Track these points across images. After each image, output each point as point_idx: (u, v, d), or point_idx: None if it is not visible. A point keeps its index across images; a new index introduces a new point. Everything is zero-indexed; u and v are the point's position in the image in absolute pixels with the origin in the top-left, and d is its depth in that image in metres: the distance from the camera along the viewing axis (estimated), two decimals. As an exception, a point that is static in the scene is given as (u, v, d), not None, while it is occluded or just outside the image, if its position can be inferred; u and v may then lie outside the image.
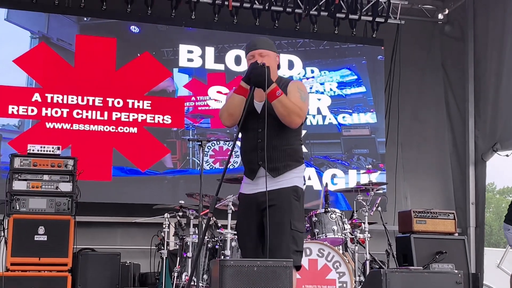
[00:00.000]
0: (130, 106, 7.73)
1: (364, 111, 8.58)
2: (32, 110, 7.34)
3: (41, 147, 6.24)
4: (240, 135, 4.04)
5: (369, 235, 6.20)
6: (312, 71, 8.50)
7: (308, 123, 8.32)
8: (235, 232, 4.54)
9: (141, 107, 7.77)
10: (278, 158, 3.92)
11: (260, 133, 3.89)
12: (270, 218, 3.80)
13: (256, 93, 3.93)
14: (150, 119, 7.78)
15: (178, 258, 5.95)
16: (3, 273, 5.71)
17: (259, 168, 3.93)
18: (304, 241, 5.48)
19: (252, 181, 4.00)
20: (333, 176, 8.31)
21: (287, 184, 3.92)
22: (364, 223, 6.23)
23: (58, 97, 7.48)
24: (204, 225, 4.09)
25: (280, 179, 3.92)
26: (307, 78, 8.46)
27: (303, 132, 8.01)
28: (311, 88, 8.44)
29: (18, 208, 5.93)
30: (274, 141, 3.90)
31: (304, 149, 8.16)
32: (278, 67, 4.12)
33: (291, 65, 8.42)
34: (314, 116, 8.39)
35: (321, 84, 8.51)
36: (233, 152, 3.96)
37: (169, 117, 7.85)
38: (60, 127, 7.45)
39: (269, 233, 3.78)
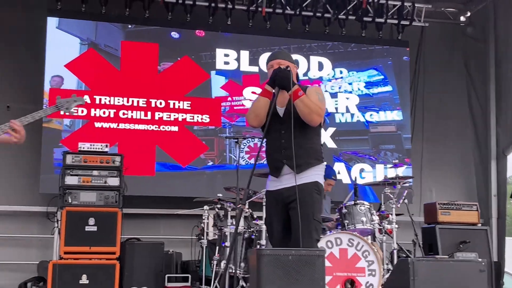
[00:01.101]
0: (171, 106, 7.77)
1: (391, 109, 8.50)
2: (82, 111, 7.43)
3: (90, 145, 6.33)
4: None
5: (396, 226, 6.18)
6: (341, 72, 8.45)
7: (337, 120, 8.29)
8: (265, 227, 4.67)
9: (181, 107, 7.81)
10: (300, 156, 4.04)
11: (284, 134, 4.05)
12: (295, 211, 3.91)
13: (279, 99, 4.08)
14: (190, 118, 7.82)
15: (217, 247, 5.98)
16: (57, 261, 5.81)
17: (283, 166, 4.08)
18: (335, 232, 5.55)
19: (277, 179, 4.13)
20: (361, 170, 8.26)
21: (309, 179, 4.06)
22: (391, 214, 6.20)
23: (105, 98, 7.56)
24: (237, 217, 4.18)
25: (302, 176, 4.04)
26: (336, 79, 8.41)
27: (332, 129, 8.12)
28: (340, 87, 8.39)
29: (70, 201, 6.03)
30: (297, 141, 4.01)
31: (334, 145, 8.19)
32: (297, 77, 4.25)
33: (321, 66, 8.38)
34: (343, 114, 8.35)
35: (350, 84, 8.45)
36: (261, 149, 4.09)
37: (207, 116, 7.88)
38: (107, 126, 7.53)
39: (295, 223, 3.90)
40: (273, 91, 4.09)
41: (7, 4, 7.61)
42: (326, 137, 8.12)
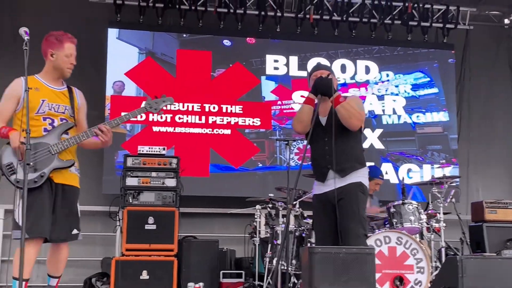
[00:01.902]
0: (224, 110, 7.83)
1: (437, 110, 8.34)
2: (141, 116, 7.54)
3: (149, 148, 6.40)
4: (309, 146, 4.26)
5: (444, 224, 6.05)
6: (388, 75, 8.34)
7: (384, 122, 8.19)
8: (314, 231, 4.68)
9: (233, 111, 7.85)
10: (344, 161, 4.12)
11: (327, 142, 4.13)
12: (342, 209, 3.99)
13: (321, 109, 4.21)
14: (242, 122, 7.85)
15: (269, 245, 5.97)
16: (120, 258, 5.90)
17: (328, 171, 4.15)
18: (384, 230, 5.47)
19: (323, 183, 4.19)
20: (409, 170, 8.13)
21: (353, 180, 4.12)
22: (439, 213, 6.08)
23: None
24: (287, 216, 4.20)
25: (348, 178, 4.12)
26: (383, 81, 8.31)
27: (380, 131, 8.02)
28: (386, 90, 8.29)
29: (131, 201, 6.10)
30: (339, 147, 4.10)
31: (381, 146, 8.09)
32: (336, 87, 4.30)
33: (367, 70, 8.30)
34: (390, 115, 8.23)
35: (396, 86, 8.33)
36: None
37: (258, 119, 7.89)
38: (164, 130, 7.63)
39: (342, 221, 3.96)
40: (316, 98, 4.20)
41: (70, 18, 7.78)
42: (373, 138, 8.04)
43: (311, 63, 8.10)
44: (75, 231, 4.08)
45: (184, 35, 8.04)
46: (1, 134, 3.92)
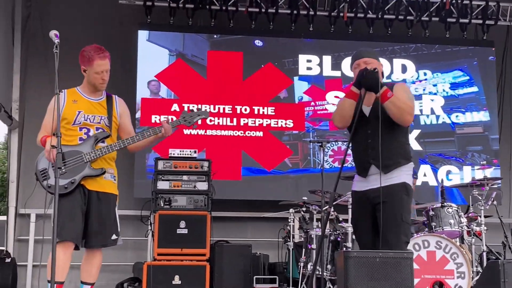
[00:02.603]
0: (256, 112, 7.85)
1: (477, 110, 8.22)
2: (172, 119, 7.56)
3: (180, 151, 6.46)
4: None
5: (485, 228, 5.96)
6: (425, 74, 8.26)
7: (422, 122, 8.10)
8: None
9: (266, 113, 7.86)
10: (388, 157, 3.90)
11: (370, 134, 3.93)
12: (383, 212, 3.78)
13: (365, 98, 3.94)
14: (274, 124, 7.86)
15: (303, 249, 5.96)
16: (151, 262, 5.96)
17: (370, 166, 3.96)
18: (422, 234, 5.42)
19: (364, 179, 4.01)
20: (448, 172, 8.03)
21: (397, 180, 3.92)
22: (480, 216, 5.99)
23: (193, 106, 7.70)
24: (323, 219, 4.12)
25: (390, 176, 3.91)
26: (420, 81, 8.23)
27: (417, 131, 7.93)
28: (424, 89, 8.21)
29: (162, 205, 6.16)
30: (384, 141, 3.87)
31: (419, 147, 8.00)
32: (382, 75, 4.09)
33: (404, 69, 8.23)
34: (428, 116, 8.15)
35: (434, 85, 8.24)
36: (348, 152, 4.00)
37: (291, 121, 7.89)
38: (195, 133, 7.68)
39: (383, 226, 3.77)
40: (359, 92, 3.94)
41: (100, 20, 7.93)
42: (411, 139, 7.86)
43: (346, 62, 8.08)
44: (114, 237, 4.20)
45: (215, 36, 8.09)
46: (42, 143, 4.15)
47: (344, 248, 5.54)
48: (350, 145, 4.10)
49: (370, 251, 3.51)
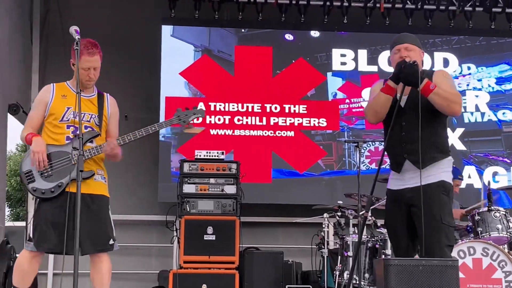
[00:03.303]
0: (286, 110, 7.83)
1: (526, 106, 8.10)
2: (198, 118, 7.58)
3: (206, 152, 6.47)
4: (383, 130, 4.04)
5: (537, 233, 5.84)
6: (469, 68, 8.15)
7: (466, 120, 8.00)
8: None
9: (297, 111, 7.84)
10: (423, 150, 3.80)
11: (404, 126, 3.86)
12: (420, 215, 3.70)
13: (399, 87, 3.86)
14: (306, 123, 7.84)
15: (339, 257, 5.92)
16: (177, 270, 5.98)
17: (405, 161, 3.89)
18: (467, 240, 5.34)
19: (399, 176, 3.94)
20: (495, 173, 7.90)
21: (434, 179, 3.84)
22: (530, 221, 5.88)
23: (220, 105, 7.74)
24: (360, 225, 4.06)
25: (427, 174, 3.81)
26: (464, 75, 8.12)
27: (461, 130, 7.82)
28: (467, 85, 8.10)
29: (188, 210, 6.18)
30: (418, 134, 3.78)
31: (463, 147, 7.90)
32: (422, 64, 4.02)
33: (446, 62, 8.13)
34: (472, 113, 8.03)
35: (479, 80, 8.13)
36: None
37: (324, 120, 7.85)
38: (223, 133, 7.70)
39: (420, 230, 3.70)
40: (397, 86, 3.87)
41: (122, 15, 8.00)
42: (454, 138, 7.86)
43: (382, 56, 8.01)
44: (111, 241, 4.16)
45: (243, 30, 8.10)
46: (26, 140, 4.14)
47: (383, 256, 5.48)
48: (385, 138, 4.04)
49: (412, 259, 3.46)
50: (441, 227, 3.74)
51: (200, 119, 7.40)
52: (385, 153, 3.99)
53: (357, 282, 5.46)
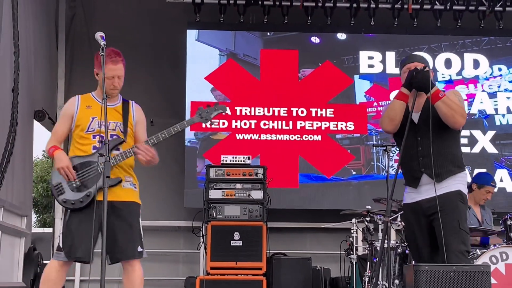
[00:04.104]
0: (313, 114, 7.83)
1: (561, 108, 8.00)
2: (223, 123, 7.69)
3: (233, 157, 6.52)
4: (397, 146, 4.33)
5: None
6: (500, 69, 8.07)
7: (497, 122, 7.92)
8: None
9: (324, 115, 7.84)
10: (440, 165, 4.01)
11: (420, 141, 4.05)
12: (438, 222, 3.87)
13: (411, 96, 4.07)
14: (333, 127, 7.83)
15: (368, 263, 5.91)
16: (204, 277, 6.02)
17: (422, 175, 4.05)
18: (500, 245, 5.30)
19: (415, 190, 4.10)
20: (527, 177, 7.82)
21: (451, 188, 4.01)
22: None
23: (246, 109, 7.77)
24: (384, 230, 4.13)
25: (444, 185, 4.00)
26: (494, 77, 8.05)
27: (492, 132, 7.75)
28: (499, 86, 8.02)
29: (215, 216, 6.23)
30: (435, 148, 3.99)
31: (494, 150, 7.83)
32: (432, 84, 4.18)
33: (476, 64, 8.06)
34: (503, 115, 7.95)
35: (510, 82, 8.04)
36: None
37: (352, 123, 7.84)
38: (249, 138, 7.72)
39: (438, 236, 3.85)
40: (409, 93, 4.10)
41: (147, 20, 8.08)
42: (485, 141, 7.80)
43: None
44: (139, 249, 4.19)
45: (268, 34, 8.13)
46: (49, 153, 4.25)
47: (413, 262, 5.44)
48: (399, 154, 4.18)
49: (443, 264, 3.48)
50: (459, 232, 3.89)
51: (225, 122, 7.62)
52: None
53: (387, 288, 5.43)
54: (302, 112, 7.84)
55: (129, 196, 4.24)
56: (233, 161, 6.50)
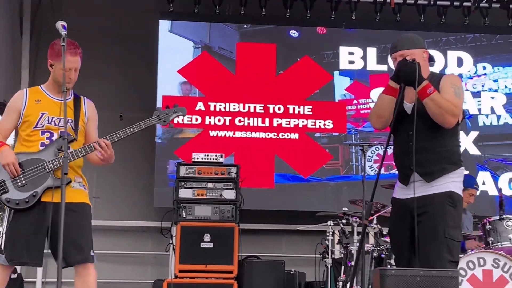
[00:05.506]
0: (291, 112, 7.91)
1: (545, 109, 8.17)
2: (196, 119, 7.74)
3: (204, 155, 6.55)
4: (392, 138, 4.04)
5: (552, 245, 5.93)
6: (484, 68, 8.22)
7: (481, 123, 8.07)
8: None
9: (302, 112, 7.92)
10: (433, 162, 3.87)
11: (412, 136, 3.83)
12: (423, 226, 3.76)
13: (406, 93, 3.92)
14: (312, 125, 7.92)
15: (343, 267, 6.00)
16: (172, 280, 6.06)
17: (413, 172, 3.89)
18: (477, 251, 5.44)
19: (405, 187, 3.97)
20: (511, 180, 7.97)
21: (441, 189, 3.86)
22: (546, 231, 5.97)
23: (220, 105, 7.83)
24: (362, 233, 4.15)
25: (434, 184, 3.87)
26: (479, 76, 8.20)
27: (475, 133, 7.91)
28: (483, 86, 8.17)
29: (184, 216, 6.26)
30: (427, 144, 3.86)
31: (477, 151, 7.96)
32: (432, 60, 4.09)
33: (460, 62, 8.20)
34: (487, 116, 8.10)
35: (495, 81, 8.20)
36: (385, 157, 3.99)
37: (331, 121, 7.93)
38: (223, 135, 7.79)
39: (421, 241, 3.75)
40: (398, 86, 3.91)
41: (118, 9, 8.09)
42: (468, 142, 7.93)
43: (393, 55, 8.08)
44: (92, 253, 4.16)
45: (245, 26, 8.19)
46: None
47: (388, 266, 5.58)
48: (392, 147, 4.11)
49: (410, 269, 3.54)
50: (443, 241, 3.75)
51: (198, 118, 7.67)
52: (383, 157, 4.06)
53: (360, 293, 5.56)
54: (279, 109, 7.91)
55: (80, 197, 4.19)
56: (205, 159, 6.52)
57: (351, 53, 8.16)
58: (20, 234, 4.01)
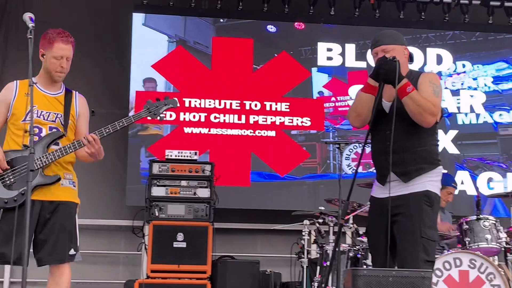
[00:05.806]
0: (267, 108, 7.91)
1: (524, 108, 8.24)
2: (171, 115, 7.72)
3: (178, 152, 6.55)
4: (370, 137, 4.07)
5: (529, 244, 5.97)
6: (464, 66, 8.28)
7: (459, 122, 8.12)
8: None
9: (279, 109, 7.93)
10: (410, 162, 3.91)
11: (389, 135, 3.85)
12: (399, 225, 3.82)
13: (385, 92, 3.93)
14: (289, 122, 7.93)
15: (318, 267, 6.02)
16: (144, 280, 6.05)
17: (389, 172, 3.91)
18: (454, 251, 5.47)
19: (382, 186, 4.01)
20: (489, 180, 8.02)
21: (418, 188, 3.90)
22: (524, 231, 6.02)
23: (195, 101, 7.81)
24: (337, 233, 4.15)
25: (411, 184, 3.91)
26: (458, 73, 8.25)
27: (454, 132, 7.96)
28: (462, 84, 8.22)
29: (157, 215, 6.25)
30: (405, 143, 3.90)
31: (456, 151, 8.02)
32: (411, 58, 4.11)
33: (439, 59, 8.25)
34: (466, 114, 8.16)
35: (474, 79, 8.26)
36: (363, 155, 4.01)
37: (308, 119, 7.95)
38: (198, 131, 7.76)
39: (398, 241, 3.80)
40: (377, 84, 3.93)
41: (90, 1, 8.04)
42: (446, 141, 7.99)
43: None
44: (72, 251, 4.16)
45: (221, 20, 8.17)
46: None
47: (365, 266, 5.60)
48: (370, 146, 4.13)
49: (382, 269, 3.57)
50: (419, 240, 3.79)
51: (172, 114, 7.64)
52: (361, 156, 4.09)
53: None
54: (255, 105, 7.91)
55: (67, 196, 4.18)
56: (178, 156, 6.52)
57: (329, 49, 8.18)
58: (9, 233, 3.93)
